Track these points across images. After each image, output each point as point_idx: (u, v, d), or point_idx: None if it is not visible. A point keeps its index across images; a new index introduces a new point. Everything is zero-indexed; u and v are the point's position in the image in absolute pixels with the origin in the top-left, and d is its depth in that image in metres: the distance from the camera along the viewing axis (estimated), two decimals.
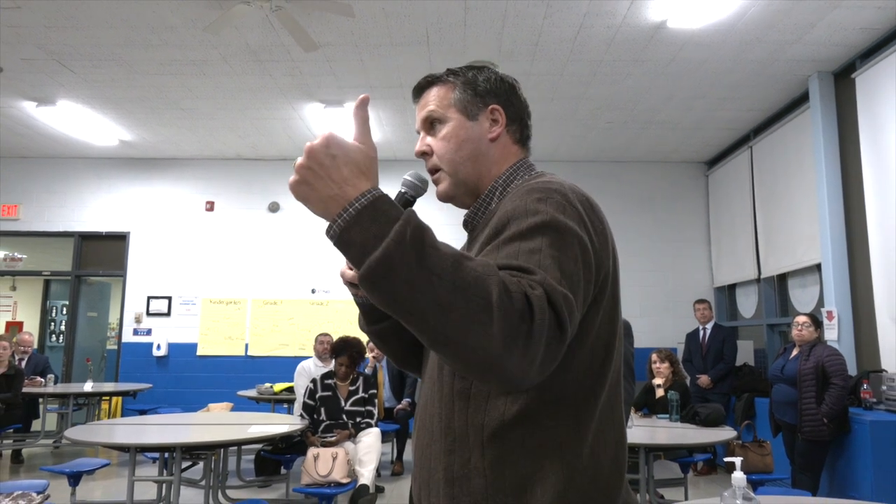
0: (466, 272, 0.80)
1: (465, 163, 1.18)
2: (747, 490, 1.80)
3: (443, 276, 0.79)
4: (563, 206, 0.99)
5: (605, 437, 1.02)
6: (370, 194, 0.84)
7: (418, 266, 0.79)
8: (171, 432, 4.42)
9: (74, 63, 5.63)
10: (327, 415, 4.80)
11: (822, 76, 5.60)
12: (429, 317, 0.79)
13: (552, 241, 0.93)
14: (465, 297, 0.78)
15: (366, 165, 0.88)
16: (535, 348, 0.81)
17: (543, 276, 0.86)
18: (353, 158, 0.87)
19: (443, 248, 0.82)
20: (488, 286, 0.79)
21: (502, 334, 0.78)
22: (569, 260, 0.93)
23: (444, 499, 1.02)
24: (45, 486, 3.36)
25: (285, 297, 8.26)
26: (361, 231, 0.82)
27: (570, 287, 0.89)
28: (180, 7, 4.68)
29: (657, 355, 5.43)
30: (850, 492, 4.40)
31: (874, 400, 4.65)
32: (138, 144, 7.96)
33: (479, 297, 0.78)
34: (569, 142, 7.67)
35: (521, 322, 0.79)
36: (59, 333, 9.89)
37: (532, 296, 0.82)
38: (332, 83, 6.04)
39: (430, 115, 1.21)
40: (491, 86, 1.21)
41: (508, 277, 0.83)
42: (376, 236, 0.81)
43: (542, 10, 4.69)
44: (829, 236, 5.42)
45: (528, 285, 0.84)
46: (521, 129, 1.23)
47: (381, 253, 0.79)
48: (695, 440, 4.38)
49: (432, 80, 1.23)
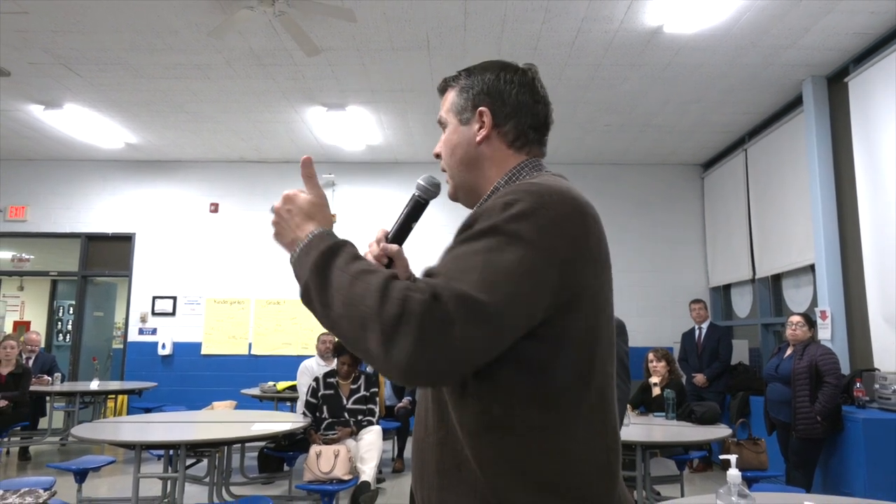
0: (358, 287, 0.92)
1: (458, 167, 1.21)
2: (742, 487, 1.83)
3: (340, 291, 0.94)
4: (528, 210, 0.97)
5: (593, 442, 1.02)
6: (311, 234, 1.05)
7: (325, 289, 0.96)
8: (176, 430, 4.47)
9: (81, 67, 5.71)
10: (329, 413, 4.87)
11: (816, 80, 5.66)
12: (335, 327, 0.96)
13: (495, 244, 0.94)
14: (354, 309, 0.91)
15: (313, 210, 1.09)
16: (413, 346, 0.86)
17: (442, 281, 0.90)
18: (303, 209, 1.09)
19: (350, 268, 0.96)
20: (370, 297, 0.90)
21: (378, 339, 0.88)
22: (508, 263, 0.92)
23: (436, 490, 1.04)
24: (51, 483, 3.42)
25: (288, 297, 8.33)
26: (301, 265, 1.02)
27: (494, 288, 0.90)
28: (185, 12, 4.76)
29: (654, 354, 5.47)
30: (843, 488, 4.43)
31: (867, 398, 4.68)
32: (144, 147, 8.04)
33: (364, 306, 0.90)
34: (567, 145, 7.74)
35: (393, 326, 0.86)
36: (65, 333, 9.96)
37: (411, 299, 0.87)
38: (335, 87, 6.12)
39: (439, 119, 1.25)
40: (485, 87, 1.19)
41: (401, 284, 0.90)
42: (305, 267, 1.00)
43: (541, 15, 4.77)
44: (823, 237, 5.48)
45: (417, 290, 0.88)
46: (518, 128, 1.18)
47: (303, 284, 1.00)
48: (691, 438, 4.41)
49: (447, 82, 1.26)
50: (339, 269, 0.96)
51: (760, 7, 4.57)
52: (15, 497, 3.05)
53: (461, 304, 0.88)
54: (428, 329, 0.86)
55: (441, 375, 0.92)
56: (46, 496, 3.10)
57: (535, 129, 1.20)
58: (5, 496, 3.04)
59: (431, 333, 0.86)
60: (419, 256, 1.14)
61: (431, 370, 0.88)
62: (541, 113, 1.21)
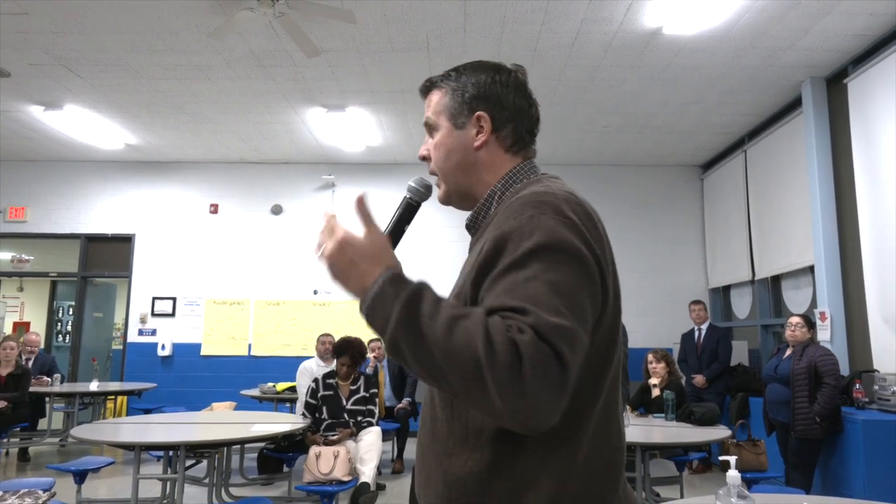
0: (457, 336, 0.87)
1: (453, 172, 1.19)
2: (742, 488, 1.84)
3: (438, 344, 0.87)
4: (556, 221, 0.98)
5: (600, 443, 1.02)
6: (381, 278, 0.96)
7: (418, 341, 0.89)
8: (176, 431, 4.47)
9: (81, 68, 5.72)
10: (329, 414, 4.87)
11: (815, 81, 5.68)
12: (437, 380, 0.90)
13: (547, 264, 0.93)
14: (459, 361, 0.86)
15: (377, 253, 1.00)
16: (533, 393, 0.84)
17: (535, 316, 0.88)
18: (366, 254, 1.00)
19: (439, 315, 0.90)
20: (475, 347, 0.85)
21: (496, 389, 0.83)
22: (567, 281, 0.93)
23: (443, 500, 1.03)
24: (51, 484, 3.41)
25: (288, 297, 8.34)
26: (378, 315, 0.95)
27: (571, 311, 0.90)
28: (185, 13, 4.77)
29: (653, 355, 5.47)
30: (842, 489, 4.43)
31: (866, 399, 4.68)
32: (144, 148, 8.05)
33: (470, 358, 0.85)
34: (566, 146, 7.75)
35: (510, 374, 0.83)
36: (65, 334, 9.96)
37: (520, 342, 0.84)
38: (334, 88, 6.13)
39: (427, 121, 1.22)
40: (480, 91, 1.18)
41: (498, 326, 0.86)
42: (385, 319, 0.93)
43: (541, 17, 4.77)
44: (822, 238, 5.48)
45: (517, 330, 0.86)
46: (516, 132, 1.19)
47: (389, 335, 0.92)
48: (690, 439, 4.41)
49: (431, 83, 1.23)
50: (428, 319, 0.90)
51: (760, 8, 4.58)
52: (14, 498, 3.05)
53: (561, 336, 0.87)
54: (546, 374, 0.85)
55: (559, 411, 0.88)
56: (46, 497, 3.10)
57: (529, 131, 1.22)
58: (4, 497, 3.04)
59: (551, 377, 0.85)
60: (420, 258, 1.12)
61: (555, 411, 0.87)
62: (534, 115, 1.22)
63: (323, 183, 8.60)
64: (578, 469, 0.99)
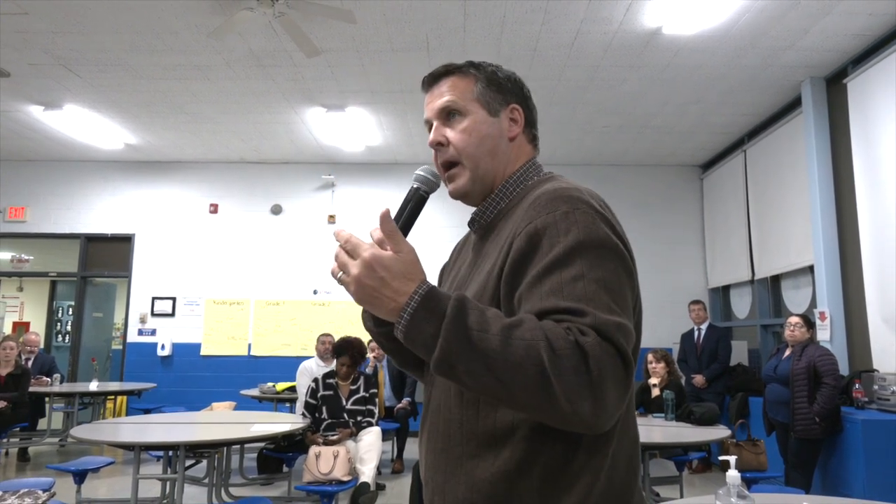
0: (515, 347, 0.85)
1: (485, 158, 1.16)
2: (741, 488, 1.83)
3: (496, 357, 0.85)
4: (592, 216, 0.98)
5: (623, 436, 1.02)
6: (417, 295, 0.91)
7: (472, 356, 0.86)
8: (175, 431, 4.47)
9: (81, 68, 5.72)
10: (329, 414, 4.87)
11: (815, 81, 5.68)
12: (498, 394, 0.88)
13: (592, 261, 0.93)
14: (522, 373, 0.84)
15: (409, 270, 0.95)
16: (603, 393, 0.84)
17: (593, 317, 0.87)
18: (397, 272, 0.94)
19: (490, 327, 0.87)
20: (539, 355, 0.84)
21: (565, 395, 0.83)
22: (612, 276, 0.94)
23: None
24: (50, 484, 3.41)
25: (287, 297, 8.34)
26: (420, 333, 0.90)
27: (620, 306, 0.91)
28: (185, 13, 4.77)
29: (653, 355, 5.47)
30: (842, 489, 4.43)
31: (866, 399, 4.69)
32: (143, 148, 8.05)
33: (534, 368, 0.83)
34: (566, 146, 7.75)
35: (577, 377, 0.83)
36: (65, 334, 9.97)
37: (585, 344, 0.84)
38: (334, 88, 6.13)
39: (450, 106, 1.16)
40: (512, 85, 1.21)
41: (556, 331, 0.85)
42: (433, 335, 0.89)
43: (540, 17, 4.77)
44: (822, 238, 5.49)
45: (578, 332, 0.86)
46: (535, 130, 1.24)
47: (439, 353, 0.88)
48: (690, 439, 4.41)
49: (452, 69, 1.19)
50: (478, 332, 0.87)
51: (759, 8, 4.58)
52: (14, 498, 3.05)
53: (621, 333, 0.88)
54: (615, 375, 0.86)
55: (624, 407, 0.90)
56: (45, 497, 3.10)
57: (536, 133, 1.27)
58: (4, 497, 3.04)
59: (618, 377, 0.86)
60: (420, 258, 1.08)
61: (621, 406, 0.88)
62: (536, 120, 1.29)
63: (323, 183, 8.60)
64: (607, 463, 0.99)
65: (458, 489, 1.01)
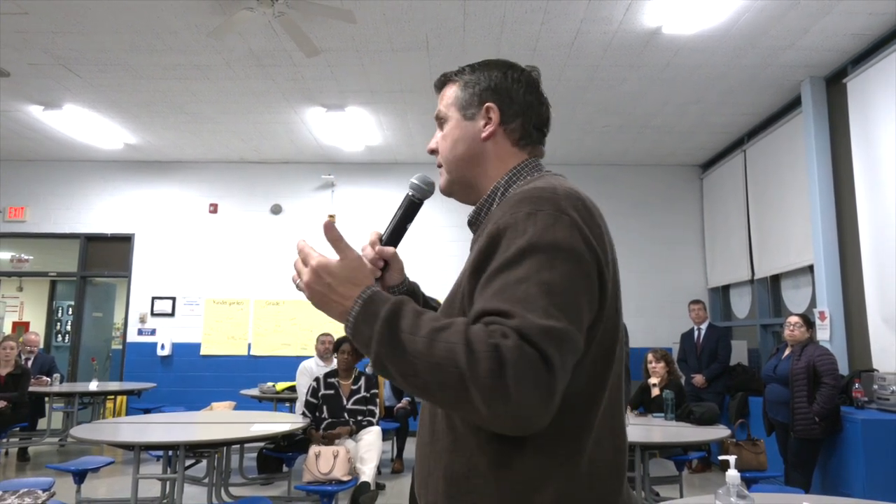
0: (438, 349, 0.88)
1: (458, 162, 1.19)
2: (741, 487, 1.84)
3: (421, 359, 0.88)
4: (554, 218, 0.96)
5: (604, 443, 1.01)
6: (360, 299, 0.97)
7: (401, 357, 0.90)
8: (175, 431, 4.46)
9: (80, 68, 5.72)
10: (329, 413, 4.87)
11: (815, 81, 5.68)
12: (426, 394, 0.91)
13: (541, 263, 0.93)
14: (442, 374, 0.87)
15: (353, 275, 1.01)
16: (520, 397, 0.83)
17: (521, 319, 0.87)
18: (343, 277, 1.00)
19: (420, 329, 0.90)
20: (457, 357, 0.85)
21: (481, 398, 0.84)
22: (561, 280, 0.92)
23: (443, 497, 1.01)
24: (50, 484, 3.42)
25: (287, 297, 8.34)
26: (361, 335, 0.96)
27: (562, 311, 0.90)
28: (185, 13, 4.77)
29: (653, 355, 5.48)
30: (842, 489, 4.43)
31: (866, 399, 4.69)
32: (143, 148, 8.05)
33: (453, 370, 0.85)
34: (566, 146, 7.75)
35: (492, 381, 0.83)
36: (64, 333, 9.97)
37: (503, 347, 0.84)
38: (334, 87, 6.13)
39: (438, 114, 1.23)
40: (491, 83, 1.18)
41: (479, 334, 0.87)
42: (369, 337, 0.94)
43: (540, 16, 4.78)
44: (822, 238, 5.49)
45: (500, 335, 0.86)
46: (524, 126, 1.18)
47: (373, 354, 0.94)
48: (690, 438, 4.42)
49: (446, 77, 1.24)
50: (408, 334, 0.91)
51: (759, 8, 4.58)
52: (14, 498, 3.05)
53: (549, 339, 0.87)
54: (529, 376, 0.84)
55: (551, 414, 0.88)
56: (45, 497, 3.10)
57: (538, 129, 1.21)
58: (4, 497, 3.04)
59: (534, 379, 0.85)
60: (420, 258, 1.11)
61: (544, 414, 0.87)
62: (544, 114, 1.22)
63: (322, 182, 8.60)
64: (583, 470, 0.98)
65: (438, 482, 1.03)
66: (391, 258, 1.21)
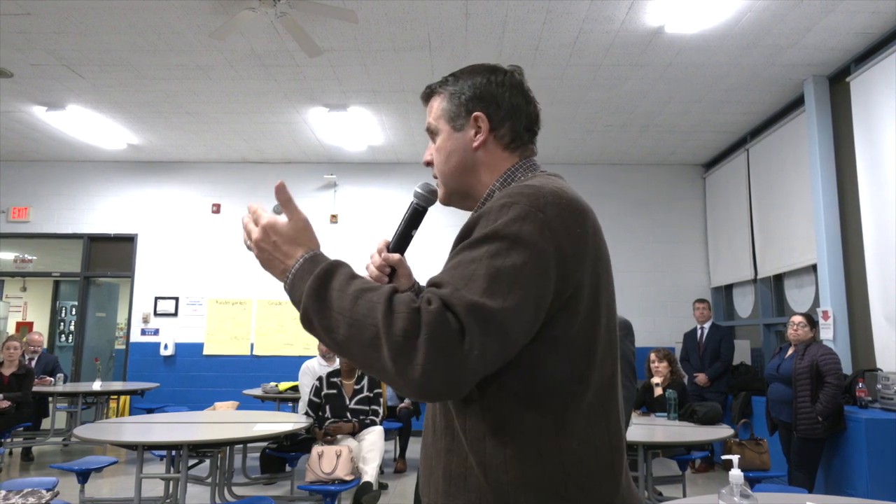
0: (360, 306, 0.91)
1: (453, 174, 1.20)
2: (744, 487, 1.83)
3: (344, 315, 0.92)
4: (525, 212, 0.97)
5: (596, 443, 1.01)
6: (301, 258, 1.02)
7: (326, 312, 0.94)
8: (178, 430, 4.48)
9: (83, 68, 5.73)
10: (332, 412, 4.88)
11: (818, 80, 5.66)
12: (343, 350, 0.94)
13: (497, 250, 0.94)
14: (361, 330, 0.90)
15: (298, 236, 1.06)
16: (426, 359, 0.85)
17: (451, 290, 0.90)
18: (288, 237, 1.06)
19: (349, 288, 0.94)
20: (375, 315, 0.89)
21: (389, 354, 0.86)
22: (511, 270, 0.93)
23: (442, 496, 1.04)
24: (54, 484, 3.43)
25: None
26: (295, 292, 1.00)
27: (502, 296, 0.90)
28: (187, 13, 4.77)
29: (655, 354, 5.48)
30: (845, 488, 4.43)
31: (869, 398, 4.69)
32: (146, 148, 8.06)
33: (371, 327, 0.89)
34: (568, 145, 7.74)
35: (404, 339, 0.86)
36: (68, 333, 10.00)
37: (423, 310, 0.87)
38: (336, 87, 6.13)
39: (429, 127, 1.24)
40: (476, 92, 1.18)
41: (403, 297, 0.90)
42: (301, 292, 0.98)
43: (542, 16, 4.77)
44: (825, 237, 5.47)
45: (426, 301, 0.89)
46: (514, 129, 1.19)
47: (301, 308, 0.97)
48: (692, 438, 4.43)
49: (430, 91, 1.25)
50: (337, 291, 0.94)
51: (762, 7, 4.57)
52: (18, 497, 3.06)
53: (473, 314, 0.88)
54: (441, 341, 0.86)
55: (458, 388, 0.90)
56: (49, 497, 3.11)
57: (529, 129, 1.22)
58: (8, 496, 3.05)
59: (445, 345, 0.86)
60: (422, 260, 1.14)
61: (449, 383, 0.88)
62: (532, 113, 1.22)
63: (325, 182, 8.61)
64: (573, 467, 0.98)
65: (438, 481, 1.05)
66: (398, 264, 1.22)
